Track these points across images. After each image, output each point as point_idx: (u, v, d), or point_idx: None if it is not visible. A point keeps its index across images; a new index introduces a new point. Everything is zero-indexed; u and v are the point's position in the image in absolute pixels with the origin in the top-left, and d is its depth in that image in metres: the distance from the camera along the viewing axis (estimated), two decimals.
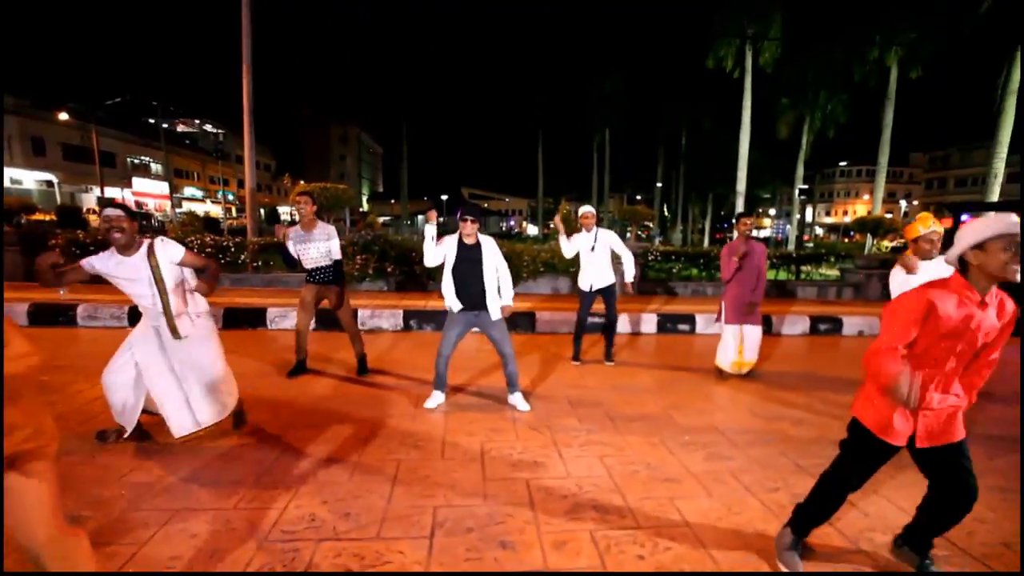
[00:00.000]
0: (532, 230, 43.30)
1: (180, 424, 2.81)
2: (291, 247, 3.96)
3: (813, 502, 1.98)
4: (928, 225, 3.07)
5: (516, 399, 3.67)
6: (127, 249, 2.68)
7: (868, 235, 18.08)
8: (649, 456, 2.98)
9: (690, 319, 6.56)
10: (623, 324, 6.39)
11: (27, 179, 31.71)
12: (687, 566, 2.00)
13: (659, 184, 37.57)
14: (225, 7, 10.85)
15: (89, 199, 33.37)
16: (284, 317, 5.95)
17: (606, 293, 4.76)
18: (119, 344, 2.89)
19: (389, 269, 7.68)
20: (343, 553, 2.02)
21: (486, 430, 3.26)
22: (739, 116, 20.20)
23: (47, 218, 20.65)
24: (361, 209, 63.91)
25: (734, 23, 19.58)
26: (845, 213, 69.62)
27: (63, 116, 27.28)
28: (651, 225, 44.26)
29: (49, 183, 32.80)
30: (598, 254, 4.65)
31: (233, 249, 7.71)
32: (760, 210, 51.94)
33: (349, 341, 4.41)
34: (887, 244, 25.14)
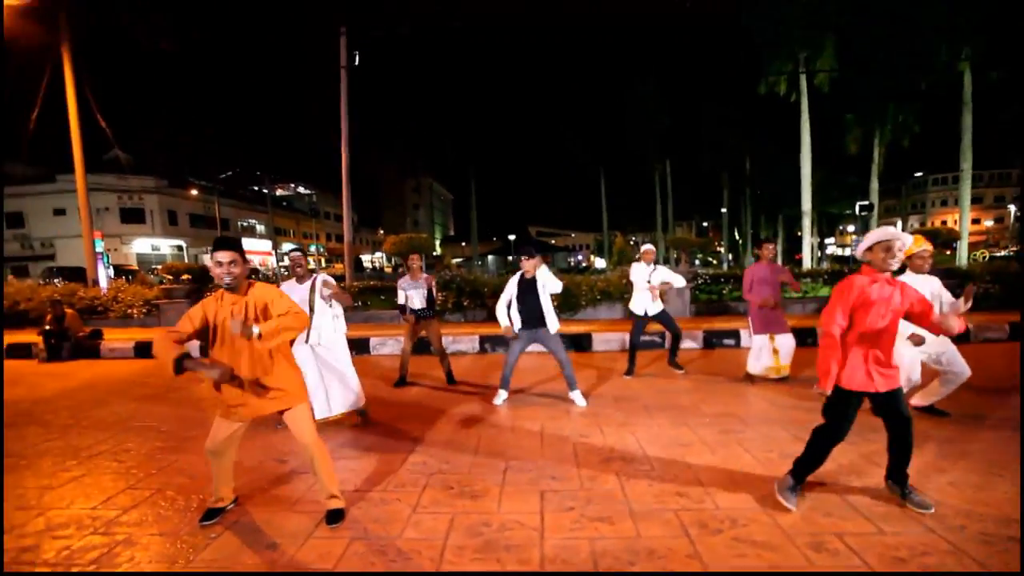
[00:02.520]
0: (600, 263, 43.99)
1: (319, 409, 4.03)
2: (401, 294, 5.38)
3: (807, 454, 2.63)
4: (920, 245, 3.71)
5: (576, 395, 4.55)
6: (302, 280, 4.11)
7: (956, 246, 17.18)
8: (672, 431, 3.78)
9: (735, 334, 7.13)
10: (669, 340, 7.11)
11: (163, 245, 37.73)
12: (687, 490, 2.82)
13: (724, 210, 37.09)
14: (317, 84, 13.22)
15: (207, 259, 38.69)
16: (383, 344, 7.32)
17: (661, 316, 5.51)
18: None
19: (465, 303, 8.96)
20: (446, 481, 3.06)
21: (545, 417, 4.22)
22: (800, 137, 20.20)
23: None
24: (434, 253, 68.19)
25: (785, 52, 19.91)
26: (943, 223, 63.53)
27: (194, 192, 32.26)
28: (721, 251, 43.27)
29: (179, 247, 38.65)
30: (654, 285, 5.48)
31: None
32: (841, 227, 49.15)
33: (439, 361, 5.58)
34: (984, 253, 23.08)
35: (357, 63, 10.89)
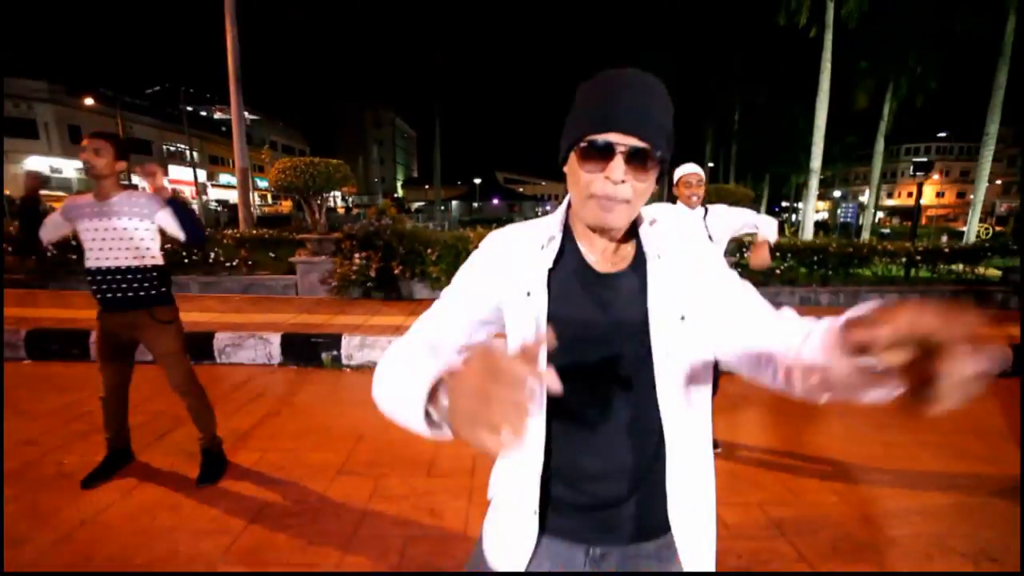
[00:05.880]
0: None
1: None
2: (50, 227, 2.20)
3: None
4: None
5: None
6: None
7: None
8: None
9: None
10: None
11: (67, 167, 31.83)
12: None
13: (711, 164, 34.53)
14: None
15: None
16: (238, 346, 4.22)
17: None
18: None
19: (396, 271, 5.87)
20: None
21: None
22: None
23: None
24: (395, 195, 63.21)
25: None
26: (910, 194, 63.71)
27: (89, 101, 26.78)
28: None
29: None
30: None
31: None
32: (818, 192, 47.71)
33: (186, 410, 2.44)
34: (988, 227, 21.62)
35: None
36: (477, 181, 46.96)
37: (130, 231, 2.13)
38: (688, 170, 2.68)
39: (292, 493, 2.30)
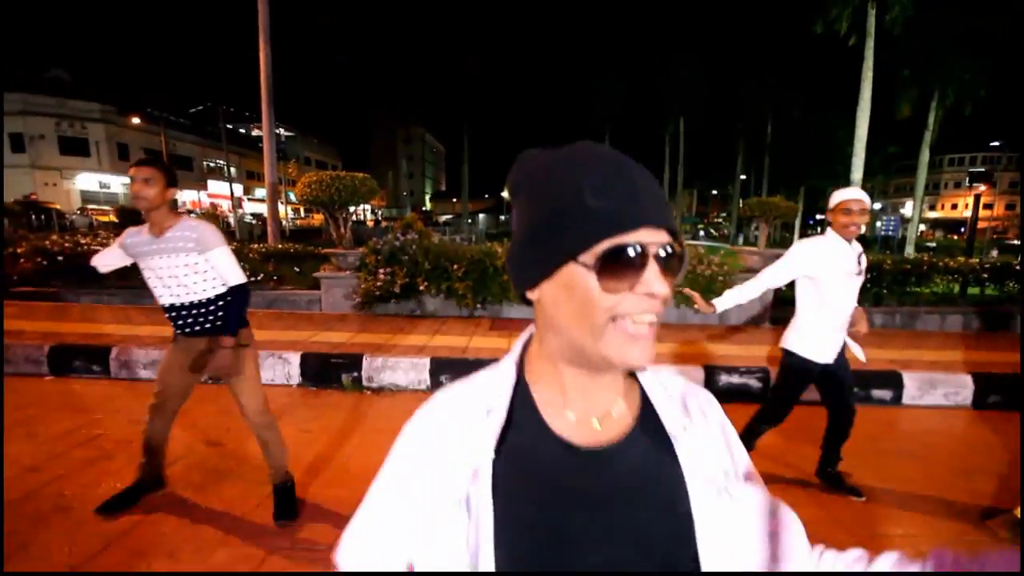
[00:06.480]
0: None
1: None
2: (107, 257, 2.18)
3: None
4: None
5: None
6: None
7: None
8: None
9: (893, 380, 4.00)
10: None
11: (114, 183, 33.40)
12: None
13: (743, 176, 33.69)
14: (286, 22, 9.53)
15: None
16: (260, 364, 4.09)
17: (839, 366, 2.41)
18: None
19: (422, 287, 5.71)
20: None
21: None
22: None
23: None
24: (424, 208, 64.11)
25: None
26: (954, 207, 60.97)
27: (136, 121, 28.04)
28: (721, 222, 39.94)
29: None
30: (856, 288, 2.35)
31: None
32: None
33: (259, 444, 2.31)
34: None
35: None
36: (504, 194, 47.25)
37: (191, 267, 2.03)
38: (850, 195, 2.22)
39: (299, 538, 2.09)
